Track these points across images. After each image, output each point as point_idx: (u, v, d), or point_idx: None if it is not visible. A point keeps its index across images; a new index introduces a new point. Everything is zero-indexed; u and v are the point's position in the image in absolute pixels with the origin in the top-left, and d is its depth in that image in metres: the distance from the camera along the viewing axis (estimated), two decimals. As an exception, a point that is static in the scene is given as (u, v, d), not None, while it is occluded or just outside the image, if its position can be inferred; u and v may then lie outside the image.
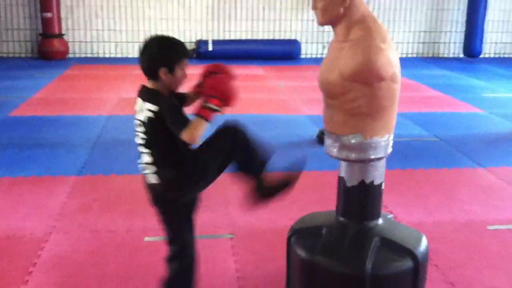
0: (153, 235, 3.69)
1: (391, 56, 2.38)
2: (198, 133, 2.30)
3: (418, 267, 2.56)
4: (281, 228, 3.85)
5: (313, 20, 12.76)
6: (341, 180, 2.70)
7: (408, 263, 2.54)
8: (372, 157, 2.55)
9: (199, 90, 2.55)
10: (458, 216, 4.12)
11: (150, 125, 2.41)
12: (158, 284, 2.75)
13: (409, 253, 2.56)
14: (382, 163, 2.64)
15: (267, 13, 12.61)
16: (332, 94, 2.49)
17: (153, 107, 2.38)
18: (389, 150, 2.61)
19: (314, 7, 2.50)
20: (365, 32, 2.37)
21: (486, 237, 3.80)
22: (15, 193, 4.42)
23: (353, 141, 2.53)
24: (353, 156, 2.56)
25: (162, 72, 2.36)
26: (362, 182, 2.62)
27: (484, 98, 8.65)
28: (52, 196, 4.35)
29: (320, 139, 5.91)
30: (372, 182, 2.62)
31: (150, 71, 2.39)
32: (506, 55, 13.53)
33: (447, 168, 5.21)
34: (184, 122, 2.31)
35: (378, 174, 2.64)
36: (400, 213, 4.13)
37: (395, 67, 2.41)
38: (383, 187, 2.70)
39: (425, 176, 4.96)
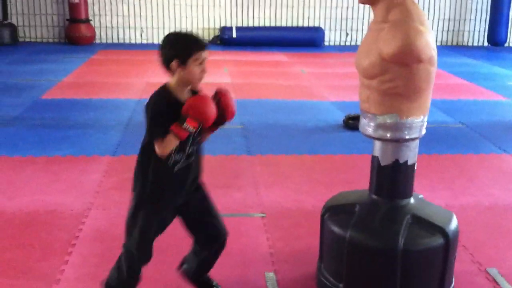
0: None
1: (430, 39, 2.47)
2: (168, 149, 2.37)
3: (449, 244, 2.65)
4: (308, 208, 3.98)
5: (336, 7, 12.78)
6: (375, 159, 2.79)
7: (439, 240, 2.63)
8: (407, 137, 2.64)
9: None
10: (483, 200, 4.20)
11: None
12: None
13: (440, 230, 2.65)
14: (416, 143, 2.73)
15: (291, 0, 12.65)
16: (370, 75, 2.58)
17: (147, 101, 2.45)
18: (423, 131, 2.70)
19: None
20: (405, 14, 2.45)
21: (510, 219, 3.88)
22: (52, 171, 4.59)
23: (389, 120, 2.62)
24: (388, 135, 2.65)
25: (175, 65, 2.37)
26: (396, 162, 2.71)
27: (508, 86, 8.65)
28: (88, 175, 4.51)
29: (346, 124, 6.00)
30: (406, 161, 2.71)
31: (164, 64, 2.42)
32: (531, 44, 13.43)
33: (473, 153, 5.28)
34: (160, 132, 2.35)
35: (412, 154, 2.73)
36: (427, 197, 4.18)
37: (433, 50, 2.50)
38: (415, 167, 2.79)
39: (451, 161, 5.03)
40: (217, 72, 9.06)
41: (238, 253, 3.30)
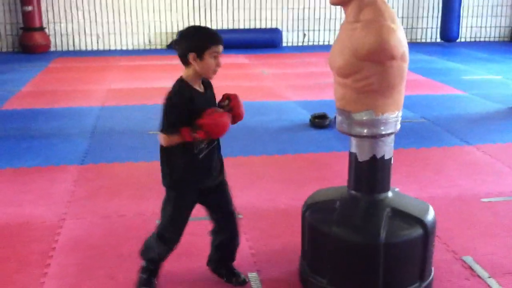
0: (163, 218, 3.82)
1: (401, 36, 2.54)
2: (169, 145, 2.57)
3: (428, 234, 2.73)
4: (283, 207, 4.03)
5: (293, 8, 12.91)
6: (352, 155, 2.85)
7: (418, 231, 2.71)
8: (383, 132, 2.71)
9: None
10: (451, 191, 4.32)
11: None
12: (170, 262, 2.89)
13: (419, 221, 2.73)
14: (392, 138, 2.80)
15: (247, 2, 12.71)
16: (344, 73, 2.63)
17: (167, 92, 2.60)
18: (398, 126, 2.77)
19: None
20: (377, 13, 2.52)
21: (479, 209, 4.01)
22: (20, 182, 4.50)
23: (364, 117, 2.68)
24: (364, 132, 2.72)
25: (191, 57, 2.50)
26: (373, 157, 2.78)
27: (463, 80, 8.92)
28: (57, 185, 4.44)
29: (312, 123, 6.08)
30: (383, 156, 2.78)
31: (182, 57, 2.55)
32: (481, 39, 13.86)
33: (436, 146, 5.43)
34: (170, 125, 2.53)
35: (388, 149, 2.80)
36: (397, 190, 4.32)
37: (405, 47, 2.57)
38: (392, 161, 2.86)
39: (416, 155, 5.16)
40: (178, 76, 9.03)
41: (219, 255, 3.31)
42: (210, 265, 3.03)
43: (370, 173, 2.82)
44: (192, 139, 2.51)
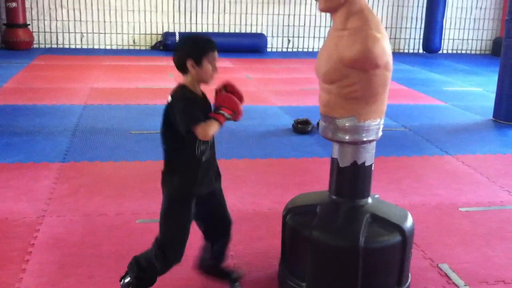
0: (144, 218, 3.82)
1: (386, 45, 2.59)
2: (211, 131, 2.48)
3: (406, 240, 2.78)
4: (265, 210, 4.06)
5: (278, 15, 12.98)
6: (334, 161, 2.89)
7: (397, 237, 2.76)
8: (365, 139, 2.75)
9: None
10: (430, 199, 4.39)
11: (163, 115, 2.60)
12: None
13: (398, 228, 2.78)
14: (373, 145, 2.85)
15: (233, 6, 12.75)
16: (329, 80, 2.67)
17: (169, 98, 2.57)
18: (380, 133, 2.82)
19: None
20: (363, 22, 2.56)
21: (457, 218, 4.07)
22: (1, 178, 4.46)
23: (347, 124, 2.72)
24: (347, 138, 2.76)
25: (190, 64, 2.52)
26: (355, 163, 2.82)
27: (444, 91, 9.04)
28: (38, 182, 4.42)
29: (295, 128, 6.12)
30: (364, 163, 2.83)
31: (179, 64, 2.57)
32: (463, 51, 14.06)
33: (417, 155, 5.50)
34: (196, 118, 2.48)
35: (369, 156, 2.84)
36: (377, 197, 4.37)
37: (389, 56, 2.62)
38: (373, 168, 2.90)
39: (397, 163, 5.22)
40: (162, 78, 9.04)
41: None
42: (203, 269, 2.98)
43: (351, 179, 2.86)
44: (225, 119, 2.52)
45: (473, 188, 4.67)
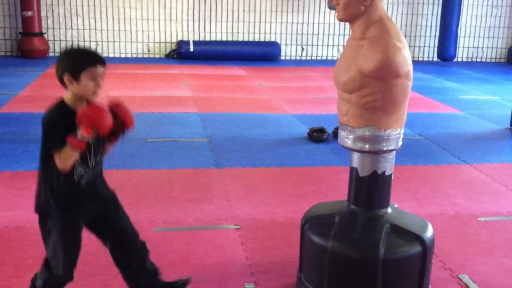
0: (161, 226, 3.82)
1: (406, 54, 2.57)
2: (68, 162, 2.32)
3: (426, 251, 2.74)
4: (281, 219, 4.04)
5: (292, 23, 12.98)
6: (353, 170, 2.86)
7: (417, 248, 2.72)
8: (385, 148, 2.73)
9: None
10: (448, 209, 4.34)
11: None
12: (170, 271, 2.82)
13: (418, 238, 2.74)
14: (393, 155, 2.82)
15: (247, 15, 12.78)
16: (349, 89, 2.65)
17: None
18: (400, 143, 2.79)
19: (336, 2, 2.65)
20: (384, 31, 2.55)
21: (476, 228, 4.03)
22: (17, 186, 4.48)
23: (367, 133, 2.70)
24: (366, 147, 2.73)
25: (66, 79, 2.35)
26: (374, 173, 2.79)
27: (460, 99, 8.97)
28: (55, 190, 4.42)
29: (310, 136, 6.09)
30: (384, 172, 2.80)
31: (58, 78, 2.39)
32: (478, 59, 13.96)
33: (434, 164, 5.46)
34: (57, 145, 2.30)
35: (389, 165, 2.82)
36: (394, 206, 4.33)
37: (409, 65, 2.60)
38: (392, 177, 2.88)
39: (413, 172, 5.18)
40: (176, 86, 9.07)
41: (217, 266, 3.31)
42: None
43: (371, 189, 2.83)
44: (83, 143, 2.29)
45: (491, 197, 4.62)
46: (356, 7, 2.58)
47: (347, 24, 2.76)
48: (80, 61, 2.37)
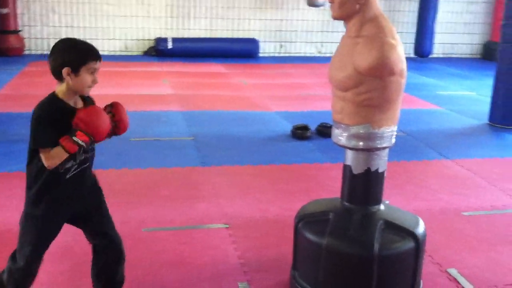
0: (150, 226, 3.81)
1: (401, 52, 2.61)
2: (56, 161, 2.29)
3: (419, 246, 2.79)
4: (272, 217, 4.06)
5: (271, 20, 13.00)
6: (347, 167, 2.89)
7: (410, 244, 2.77)
8: (379, 146, 2.77)
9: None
10: (433, 204, 4.41)
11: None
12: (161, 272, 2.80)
13: (411, 234, 2.79)
14: (386, 152, 2.86)
15: (226, 12, 12.76)
16: (344, 87, 2.68)
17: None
18: (393, 140, 2.83)
19: (331, 0, 2.67)
20: (378, 29, 2.58)
21: (461, 222, 4.10)
22: (5, 188, 4.43)
23: (361, 131, 2.73)
24: (360, 145, 2.77)
25: (66, 72, 2.31)
26: (368, 170, 2.83)
27: (438, 95, 9.10)
28: (41, 191, 4.38)
29: (294, 134, 6.13)
30: (377, 169, 2.84)
31: (55, 71, 2.35)
32: (454, 55, 14.15)
33: (417, 160, 5.53)
34: (46, 142, 2.28)
35: (382, 163, 2.85)
36: (381, 202, 4.39)
37: (403, 63, 2.64)
38: (385, 174, 2.91)
39: (398, 168, 5.24)
40: (157, 84, 9.03)
41: (209, 265, 3.32)
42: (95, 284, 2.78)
43: (364, 186, 2.87)
44: (77, 147, 2.27)
45: (474, 192, 4.71)
46: (351, 5, 2.61)
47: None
48: (82, 55, 2.34)
